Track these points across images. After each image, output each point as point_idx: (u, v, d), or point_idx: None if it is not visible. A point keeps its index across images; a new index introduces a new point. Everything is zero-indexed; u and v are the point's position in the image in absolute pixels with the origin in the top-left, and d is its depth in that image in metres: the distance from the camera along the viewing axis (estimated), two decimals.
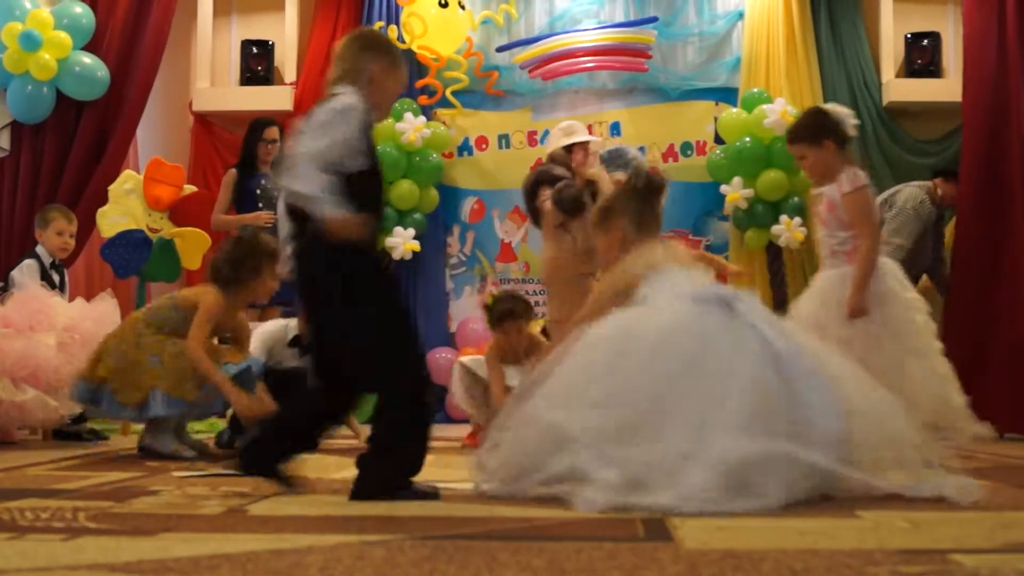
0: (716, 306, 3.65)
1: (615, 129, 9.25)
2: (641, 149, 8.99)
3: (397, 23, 9.19)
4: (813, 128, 5.21)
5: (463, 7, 9.13)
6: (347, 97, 3.69)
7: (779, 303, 8.09)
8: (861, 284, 4.94)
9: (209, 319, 5.18)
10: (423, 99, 9.21)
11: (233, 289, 5.29)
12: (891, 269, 5.20)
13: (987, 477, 4.23)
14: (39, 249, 6.74)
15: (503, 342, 6.14)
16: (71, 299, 6.65)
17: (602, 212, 4.21)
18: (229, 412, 5.72)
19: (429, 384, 3.72)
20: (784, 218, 8.60)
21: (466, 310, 9.25)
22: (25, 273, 6.55)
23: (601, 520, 2.96)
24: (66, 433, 6.43)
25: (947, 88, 8.61)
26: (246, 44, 9.22)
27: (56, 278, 6.74)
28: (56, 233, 6.71)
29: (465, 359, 6.45)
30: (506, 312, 6.11)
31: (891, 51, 9.15)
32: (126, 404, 5.19)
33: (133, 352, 5.22)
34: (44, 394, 5.79)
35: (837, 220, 5.08)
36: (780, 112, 8.47)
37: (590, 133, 6.53)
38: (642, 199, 4.12)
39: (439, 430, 7.74)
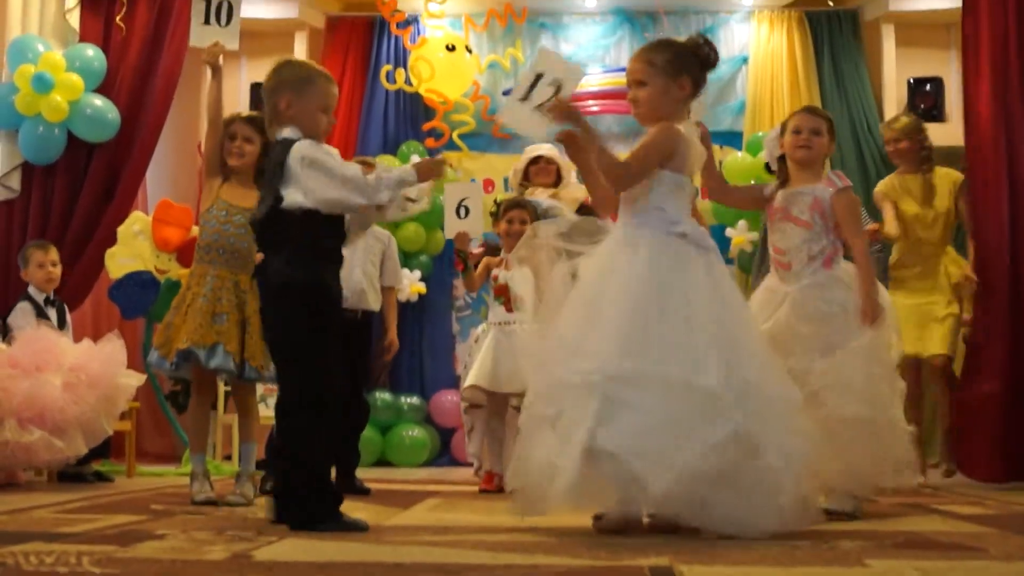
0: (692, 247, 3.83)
1: None
2: None
3: (405, 67, 9.25)
4: (833, 124, 4.94)
5: (470, 51, 9.20)
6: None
7: None
8: (872, 286, 4.56)
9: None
10: (430, 142, 9.26)
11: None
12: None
13: (995, 524, 4.22)
14: (30, 290, 6.78)
15: (503, 232, 6.25)
16: (76, 335, 6.67)
17: (679, 61, 4.03)
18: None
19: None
20: None
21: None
22: (19, 316, 6.58)
23: (608, 567, 2.96)
24: (70, 475, 6.43)
25: (949, 132, 8.65)
26: (255, 87, 9.29)
27: (54, 314, 6.76)
28: (37, 267, 6.76)
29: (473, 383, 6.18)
30: (514, 202, 6.38)
31: (894, 95, 9.22)
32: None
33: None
34: (50, 435, 5.80)
35: (823, 221, 4.67)
36: None
37: None
38: (702, 68, 4.08)
39: (444, 473, 7.74)
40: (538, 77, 3.88)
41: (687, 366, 3.50)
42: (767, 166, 5.20)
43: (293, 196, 3.98)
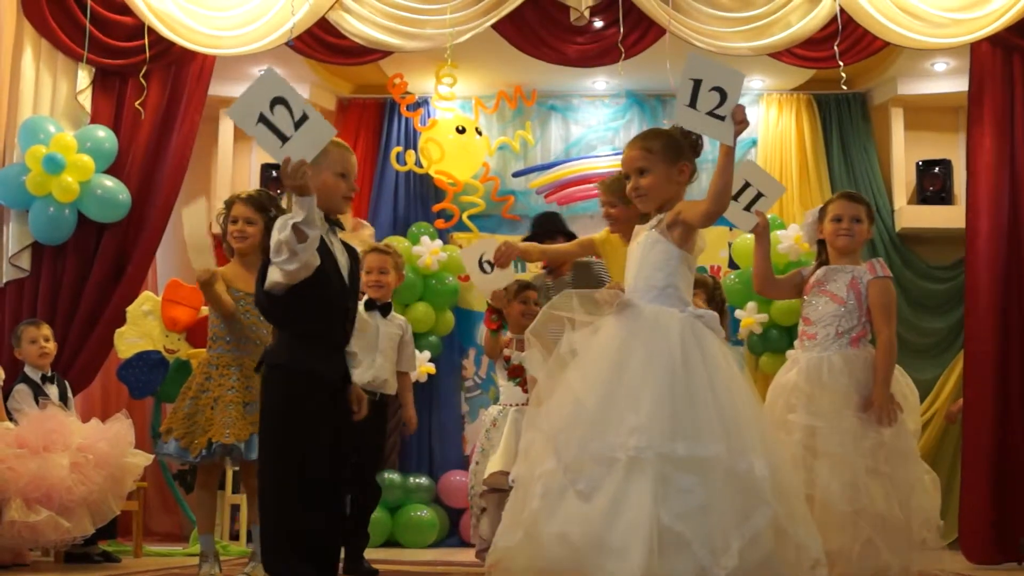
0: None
1: None
2: None
3: (415, 148, 9.30)
4: (871, 208, 5.03)
5: (480, 133, 9.25)
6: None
7: None
8: (888, 382, 4.60)
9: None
10: (440, 223, 9.29)
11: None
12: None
13: None
14: (26, 369, 6.77)
15: (518, 313, 6.19)
16: (84, 415, 6.64)
17: (674, 148, 4.04)
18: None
19: None
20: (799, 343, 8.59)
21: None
22: (18, 400, 6.55)
23: None
24: (77, 555, 6.38)
25: (958, 215, 8.66)
26: (266, 168, 9.34)
27: (54, 391, 6.73)
28: (29, 342, 6.75)
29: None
30: (527, 284, 6.33)
31: (903, 178, 9.25)
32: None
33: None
34: (57, 515, 5.76)
35: (857, 302, 4.73)
36: (794, 238, 8.52)
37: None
38: (693, 153, 4.09)
39: (453, 554, 7.67)
40: (697, 83, 3.79)
41: (729, 450, 3.44)
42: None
43: (272, 275, 3.99)
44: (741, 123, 3.77)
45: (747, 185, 4.79)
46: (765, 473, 3.43)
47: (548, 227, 7.26)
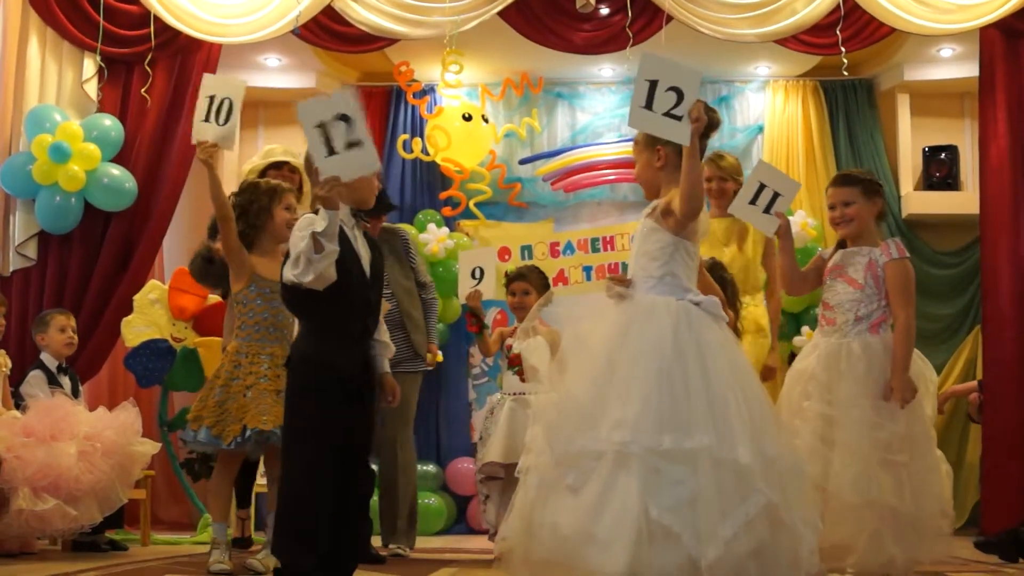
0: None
1: None
2: None
3: (422, 136, 9.30)
4: (870, 183, 4.90)
5: (486, 120, 9.23)
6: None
7: None
8: (907, 366, 4.55)
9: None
10: (446, 210, 9.29)
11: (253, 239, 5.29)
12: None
13: None
14: (43, 357, 6.73)
15: (511, 305, 6.25)
16: (91, 403, 6.65)
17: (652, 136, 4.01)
18: None
19: None
20: (806, 329, 8.58)
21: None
22: (32, 386, 6.54)
23: None
24: (84, 543, 6.39)
25: (965, 201, 8.67)
26: None
27: (68, 383, 6.72)
28: (58, 330, 6.70)
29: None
30: (517, 274, 6.26)
31: (909, 164, 9.24)
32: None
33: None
34: (64, 503, 5.77)
35: (875, 285, 4.70)
36: (800, 225, 8.51)
37: (612, 247, 6.53)
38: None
39: (461, 541, 7.67)
40: (653, 83, 3.78)
41: (718, 440, 3.46)
42: None
43: (286, 271, 4.01)
44: (696, 121, 3.77)
45: (763, 187, 4.76)
46: (750, 460, 3.44)
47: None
